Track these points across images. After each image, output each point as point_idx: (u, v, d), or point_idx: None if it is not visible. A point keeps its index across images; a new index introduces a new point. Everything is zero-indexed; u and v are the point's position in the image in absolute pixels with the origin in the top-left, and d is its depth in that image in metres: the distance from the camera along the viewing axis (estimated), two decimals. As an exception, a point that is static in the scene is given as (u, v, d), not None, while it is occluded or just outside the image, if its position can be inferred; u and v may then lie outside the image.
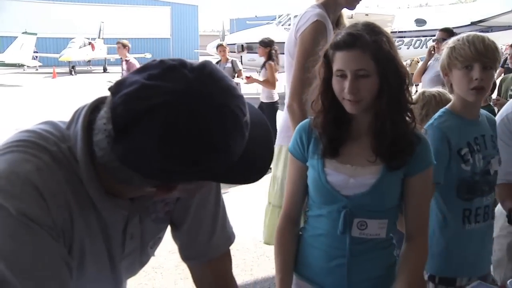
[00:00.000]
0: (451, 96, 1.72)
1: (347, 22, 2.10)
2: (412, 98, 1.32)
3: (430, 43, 4.83)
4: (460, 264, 1.67)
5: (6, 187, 0.71)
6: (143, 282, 3.01)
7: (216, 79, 0.71)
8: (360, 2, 2.08)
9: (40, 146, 0.77)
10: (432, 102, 1.93)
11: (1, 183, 0.71)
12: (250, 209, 2.16)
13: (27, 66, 25.25)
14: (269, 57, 6.07)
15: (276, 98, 6.25)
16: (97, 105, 0.78)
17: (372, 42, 1.22)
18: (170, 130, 0.66)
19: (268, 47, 6.10)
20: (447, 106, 1.69)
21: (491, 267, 2.08)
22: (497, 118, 1.85)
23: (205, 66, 0.72)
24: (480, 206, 1.66)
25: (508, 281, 1.52)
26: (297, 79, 1.94)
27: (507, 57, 7.31)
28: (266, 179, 2.20)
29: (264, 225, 2.23)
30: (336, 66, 1.27)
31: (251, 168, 0.77)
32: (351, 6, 2.08)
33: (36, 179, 0.73)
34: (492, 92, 4.58)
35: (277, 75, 6.09)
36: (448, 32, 4.54)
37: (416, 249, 1.36)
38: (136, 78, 0.69)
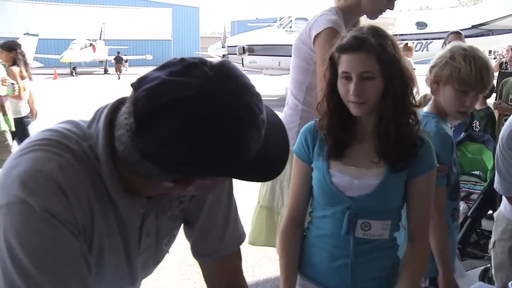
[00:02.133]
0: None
1: None
2: (415, 101, 1.34)
3: (432, 46, 4.75)
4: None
5: (31, 184, 0.73)
6: (145, 283, 2.99)
7: (235, 76, 0.74)
8: (382, 13, 2.03)
9: (63, 144, 0.79)
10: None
11: (25, 180, 0.74)
12: (250, 211, 2.15)
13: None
14: (14, 62, 4.86)
15: (25, 112, 4.87)
16: (118, 105, 0.81)
17: (377, 45, 1.24)
18: (190, 124, 0.68)
19: (12, 51, 4.91)
20: (432, 111, 1.67)
21: (493, 270, 2.10)
22: (506, 128, 1.83)
23: (224, 64, 0.74)
24: (456, 206, 1.77)
25: (510, 283, 1.54)
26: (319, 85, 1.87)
27: (503, 61, 7.31)
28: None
29: (251, 225, 2.17)
30: (341, 68, 1.29)
31: (267, 166, 0.79)
32: (373, 16, 2.03)
33: (59, 177, 0.75)
34: (490, 95, 4.57)
35: (26, 83, 4.82)
36: (459, 34, 4.53)
37: (418, 251, 1.38)
38: (157, 75, 0.71)
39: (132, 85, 0.73)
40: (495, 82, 4.91)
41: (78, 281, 0.75)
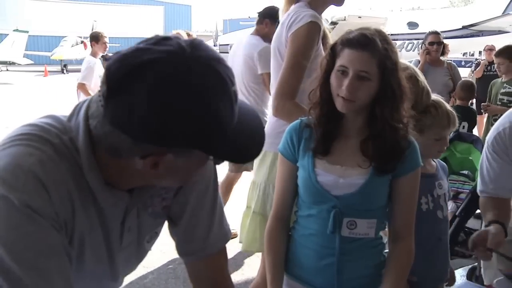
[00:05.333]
0: (447, 106, 1.71)
1: (327, 29, 1.99)
2: (407, 110, 1.34)
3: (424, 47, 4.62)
4: None
5: (10, 179, 0.72)
6: (134, 281, 3.00)
7: (206, 48, 0.74)
8: None
9: (43, 138, 0.78)
10: (428, 118, 1.73)
11: (5, 176, 0.73)
12: (238, 209, 2.13)
13: (18, 64, 25.04)
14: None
15: None
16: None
17: (382, 50, 1.25)
18: (160, 85, 0.68)
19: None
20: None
21: (482, 268, 2.11)
22: (492, 131, 1.84)
23: (196, 39, 0.76)
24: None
25: (495, 280, 1.55)
26: (287, 78, 1.79)
27: (487, 62, 7.30)
28: (248, 181, 2.13)
29: (243, 231, 2.08)
30: (340, 61, 1.28)
31: (242, 147, 0.79)
32: (339, 3, 1.97)
33: (39, 171, 0.74)
34: (472, 97, 4.59)
35: None
36: (438, 35, 4.52)
37: (403, 250, 1.38)
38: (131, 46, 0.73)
39: (105, 58, 0.74)
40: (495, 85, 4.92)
41: (60, 276, 0.74)
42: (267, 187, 1.93)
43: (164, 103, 0.68)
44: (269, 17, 3.60)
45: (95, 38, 5.26)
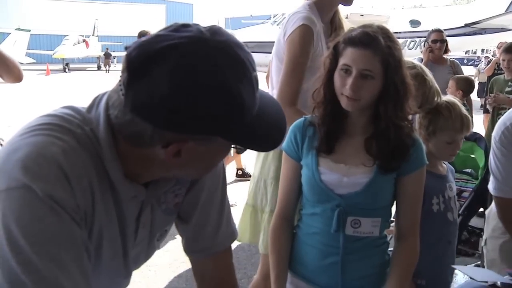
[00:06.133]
0: (462, 109, 1.70)
1: (343, 20, 2.01)
2: (411, 108, 1.34)
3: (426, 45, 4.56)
4: None
5: (34, 168, 0.71)
6: (136, 280, 3.00)
7: (227, 33, 0.74)
8: None
9: (65, 128, 0.77)
10: (440, 120, 1.72)
11: (28, 164, 0.71)
12: (241, 208, 2.13)
13: (20, 63, 25.06)
14: None
15: None
16: None
17: (385, 47, 1.24)
18: (181, 68, 0.67)
19: None
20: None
21: (485, 267, 2.10)
22: (499, 126, 1.81)
23: (215, 26, 0.75)
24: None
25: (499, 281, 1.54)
26: (286, 84, 1.81)
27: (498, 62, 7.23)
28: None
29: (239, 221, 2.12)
30: (343, 60, 1.28)
31: (264, 135, 0.78)
32: (348, 3, 1.96)
33: (63, 161, 0.73)
34: (470, 93, 4.51)
35: None
36: (441, 33, 4.49)
37: (408, 249, 1.38)
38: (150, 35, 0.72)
39: (125, 47, 0.74)
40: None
41: (79, 270, 0.73)
42: (259, 181, 1.96)
43: (185, 86, 0.67)
44: None
45: (143, 36, 5.34)
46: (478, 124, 5.12)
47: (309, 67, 1.78)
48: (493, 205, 2.08)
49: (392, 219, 1.46)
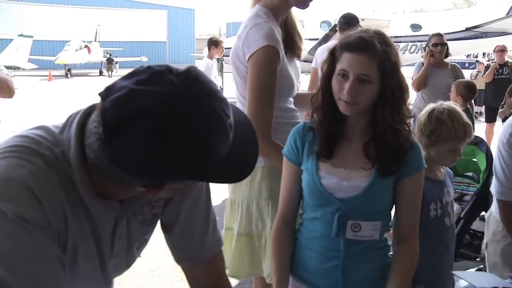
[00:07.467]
0: (464, 117, 1.70)
1: (297, 21, 1.88)
2: (409, 111, 1.35)
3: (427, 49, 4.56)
4: None
5: (2, 191, 0.73)
6: (139, 285, 3.00)
7: (201, 82, 0.75)
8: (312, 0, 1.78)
9: (34, 150, 0.79)
10: (443, 130, 1.70)
11: None
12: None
13: (22, 69, 25.17)
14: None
15: None
16: (90, 111, 0.81)
17: (381, 52, 1.25)
18: (157, 132, 0.69)
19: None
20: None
21: (487, 271, 2.10)
22: (506, 127, 1.80)
23: (190, 71, 0.76)
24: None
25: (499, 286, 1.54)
26: (260, 115, 1.63)
27: (498, 65, 7.20)
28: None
29: (226, 255, 1.74)
30: (340, 65, 1.29)
31: (236, 168, 0.81)
32: (303, 6, 1.80)
33: (31, 183, 0.75)
34: (472, 98, 4.46)
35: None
36: (442, 36, 4.50)
37: (407, 252, 1.39)
38: (124, 84, 0.73)
39: (99, 94, 0.74)
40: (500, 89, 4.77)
41: (54, 283, 0.75)
42: (250, 204, 1.77)
43: (162, 146, 0.70)
44: None
45: (215, 43, 5.64)
46: (479, 132, 5.09)
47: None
48: (492, 209, 2.08)
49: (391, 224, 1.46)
